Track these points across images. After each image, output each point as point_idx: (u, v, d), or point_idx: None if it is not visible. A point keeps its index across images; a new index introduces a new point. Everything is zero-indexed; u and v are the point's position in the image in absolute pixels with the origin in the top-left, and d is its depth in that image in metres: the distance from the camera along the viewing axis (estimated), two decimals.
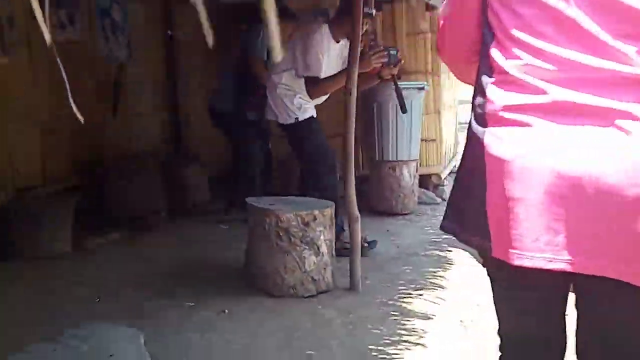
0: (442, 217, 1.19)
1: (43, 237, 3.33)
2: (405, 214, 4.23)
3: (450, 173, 5.39)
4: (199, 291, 2.68)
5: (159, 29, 4.92)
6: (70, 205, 3.53)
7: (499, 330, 1.23)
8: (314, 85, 2.92)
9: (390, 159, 4.17)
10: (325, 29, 2.92)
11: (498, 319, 1.22)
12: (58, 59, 0.71)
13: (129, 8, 4.56)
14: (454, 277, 2.90)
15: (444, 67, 4.71)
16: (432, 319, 2.32)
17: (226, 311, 2.42)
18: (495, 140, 1.02)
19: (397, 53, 2.97)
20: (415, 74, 4.35)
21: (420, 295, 2.58)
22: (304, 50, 2.91)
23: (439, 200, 4.68)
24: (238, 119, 3.93)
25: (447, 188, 4.85)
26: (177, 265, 3.17)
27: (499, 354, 1.25)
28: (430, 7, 4.31)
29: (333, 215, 2.63)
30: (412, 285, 2.71)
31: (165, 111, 5.09)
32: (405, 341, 2.09)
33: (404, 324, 2.23)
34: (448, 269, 3.01)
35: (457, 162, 5.90)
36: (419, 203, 4.46)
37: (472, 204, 1.08)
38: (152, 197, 4.17)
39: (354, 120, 2.59)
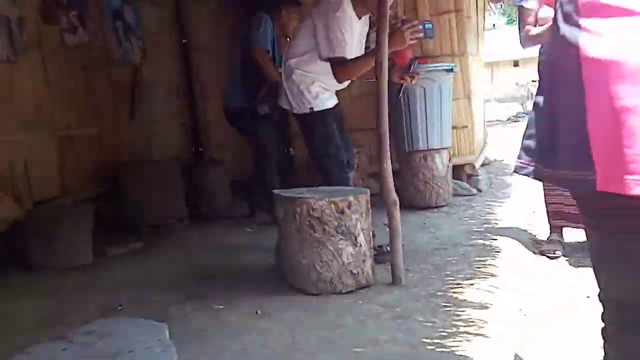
0: (517, 157, 0.96)
1: (62, 248, 3.19)
2: (441, 207, 3.98)
3: (482, 165, 5.13)
4: (229, 293, 2.47)
5: (173, 31, 4.80)
6: (89, 214, 3.38)
7: (602, 295, 0.98)
8: (341, 67, 2.57)
9: (421, 147, 3.93)
10: (347, 2, 2.61)
11: (601, 281, 0.97)
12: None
13: (142, 10, 4.45)
14: (505, 265, 2.64)
15: (471, 48, 4.48)
16: (488, 308, 2.07)
17: (259, 312, 2.21)
18: (594, 38, 0.79)
19: (432, 26, 2.59)
20: (441, 57, 4.12)
21: (472, 284, 2.32)
22: (325, 28, 2.56)
23: (474, 191, 4.42)
24: (250, 116, 3.78)
25: (482, 178, 4.58)
26: (203, 269, 2.98)
27: (603, 325, 1.00)
28: None
29: (369, 203, 2.40)
30: (461, 276, 2.45)
31: (183, 116, 4.95)
32: (463, 332, 1.84)
33: (459, 315, 1.98)
34: (496, 256, 2.75)
35: (486, 154, 5.64)
36: (454, 195, 4.21)
37: (563, 130, 0.85)
38: (173, 204, 4.02)
39: (386, 100, 2.35)
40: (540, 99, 0.92)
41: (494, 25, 21.62)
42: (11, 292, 2.75)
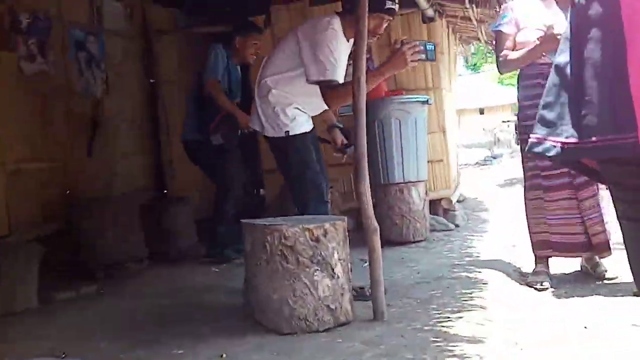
0: (532, 132, 0.80)
1: (4, 292, 2.84)
2: (419, 241, 3.81)
3: (458, 201, 5.02)
4: (190, 336, 2.19)
5: (139, 63, 4.62)
6: (37, 255, 3.06)
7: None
8: (333, 91, 2.32)
9: (397, 180, 3.78)
10: (337, 22, 2.36)
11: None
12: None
13: (108, 42, 4.28)
14: (492, 297, 2.45)
15: (444, 81, 4.45)
16: (482, 341, 1.86)
17: (224, 355, 1.93)
18: None
19: (434, 48, 2.40)
20: (415, 91, 4.06)
21: (461, 317, 2.11)
22: (313, 48, 2.32)
23: (452, 226, 4.28)
24: (208, 149, 3.66)
25: (459, 213, 4.45)
26: (162, 312, 2.67)
27: None
28: (427, 19, 4.08)
29: (346, 231, 2.19)
30: (448, 309, 2.24)
31: (147, 151, 4.70)
32: None
33: (452, 350, 1.76)
34: (483, 288, 2.56)
35: (460, 191, 5.55)
36: (431, 230, 4.05)
37: (594, 92, 0.70)
38: (131, 243, 3.70)
39: (364, 119, 2.19)
40: (564, 61, 0.76)
41: (459, 74, 22.36)
42: None
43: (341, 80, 2.40)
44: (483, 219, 4.74)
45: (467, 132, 23.16)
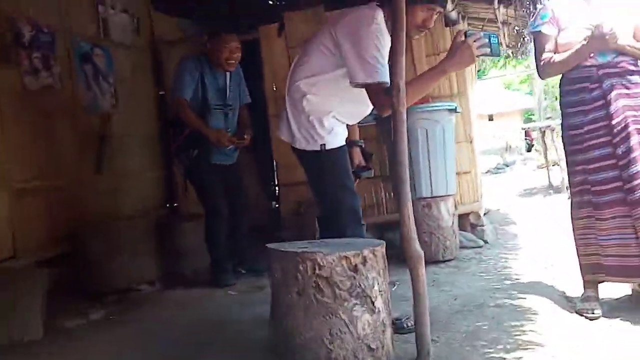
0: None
1: (6, 322, 2.63)
2: (449, 260, 3.56)
3: (484, 214, 4.76)
4: None
5: (148, 77, 4.43)
6: (42, 281, 2.85)
7: None
8: (383, 96, 1.93)
9: (425, 195, 3.55)
10: (381, 15, 2.02)
11: None
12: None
13: (115, 55, 4.09)
14: (545, 329, 2.20)
15: (469, 87, 4.22)
16: None
17: None
18: None
19: (498, 41, 2.03)
20: (439, 98, 3.83)
21: (519, 358, 1.86)
22: (357, 45, 1.98)
23: (481, 242, 4.02)
24: (186, 169, 3.48)
25: (488, 228, 4.20)
26: (176, 344, 2.44)
27: None
28: (449, 23, 3.86)
29: (385, 257, 1.96)
30: (500, 347, 2.00)
31: (157, 167, 4.50)
32: None
33: None
34: (533, 320, 2.31)
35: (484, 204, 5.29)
36: (460, 247, 3.80)
37: None
38: (143, 265, 3.48)
39: (405, 131, 1.95)
40: None
41: None
42: None
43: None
44: (512, 233, 4.48)
45: (477, 139, 22.95)
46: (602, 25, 2.32)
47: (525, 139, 17.18)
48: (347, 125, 2.39)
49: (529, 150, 16.14)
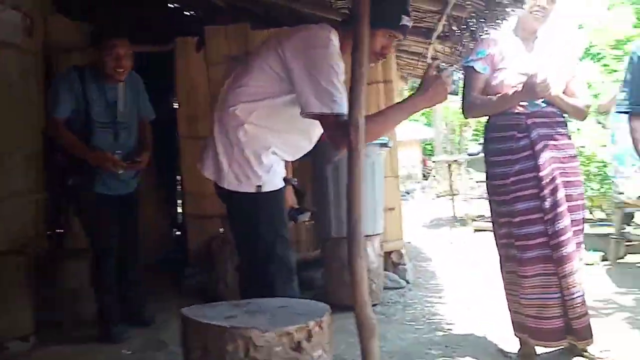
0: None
1: None
2: (374, 306, 3.29)
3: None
4: None
5: (39, 87, 3.73)
6: None
7: None
8: (343, 129, 1.58)
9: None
10: (335, 36, 1.74)
11: None
12: None
13: (1, 56, 3.38)
14: None
15: None
16: None
17: None
18: None
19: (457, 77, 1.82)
20: None
21: None
22: (310, 70, 1.68)
23: (403, 282, 3.84)
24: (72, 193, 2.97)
25: (409, 267, 4.03)
26: None
27: None
28: None
29: (332, 326, 1.63)
30: None
31: (41, 190, 3.78)
32: None
33: None
34: None
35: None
36: (383, 288, 3.58)
37: None
38: (13, 315, 2.82)
39: (361, 174, 1.63)
40: None
41: None
42: None
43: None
44: (431, 271, 4.37)
45: None
46: (536, 74, 2.22)
47: (423, 168, 17.88)
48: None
49: (425, 178, 16.79)
